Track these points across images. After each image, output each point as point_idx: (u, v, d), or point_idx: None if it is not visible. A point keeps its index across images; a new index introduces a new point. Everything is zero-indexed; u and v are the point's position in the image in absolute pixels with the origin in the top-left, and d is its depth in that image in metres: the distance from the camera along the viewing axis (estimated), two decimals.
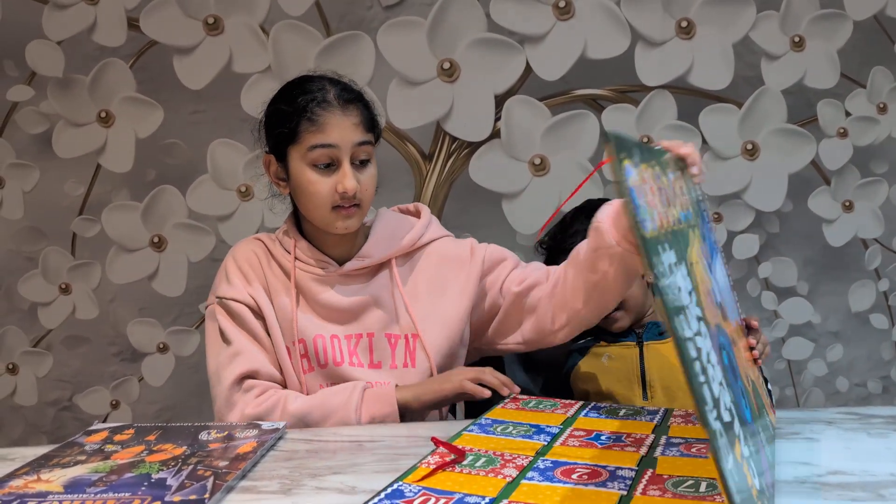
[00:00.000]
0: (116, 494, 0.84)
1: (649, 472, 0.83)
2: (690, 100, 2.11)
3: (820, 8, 2.12)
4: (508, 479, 0.80)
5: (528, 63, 2.05)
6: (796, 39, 2.12)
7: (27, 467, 0.94)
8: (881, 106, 2.17)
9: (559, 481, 0.80)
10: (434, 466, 0.83)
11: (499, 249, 1.35)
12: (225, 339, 1.24)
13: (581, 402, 1.11)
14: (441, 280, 1.30)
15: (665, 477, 0.81)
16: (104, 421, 2.09)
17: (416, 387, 1.20)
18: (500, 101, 2.07)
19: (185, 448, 0.99)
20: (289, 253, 1.28)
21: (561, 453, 0.89)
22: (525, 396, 1.14)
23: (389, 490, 0.78)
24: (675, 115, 2.10)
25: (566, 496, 0.76)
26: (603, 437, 0.95)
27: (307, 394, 1.21)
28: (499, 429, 0.98)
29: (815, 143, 2.15)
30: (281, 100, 1.25)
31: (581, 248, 1.19)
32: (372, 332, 1.26)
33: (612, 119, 2.09)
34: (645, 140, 0.97)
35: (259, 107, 1.31)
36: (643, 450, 0.90)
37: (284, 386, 1.24)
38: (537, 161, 2.09)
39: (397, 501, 0.75)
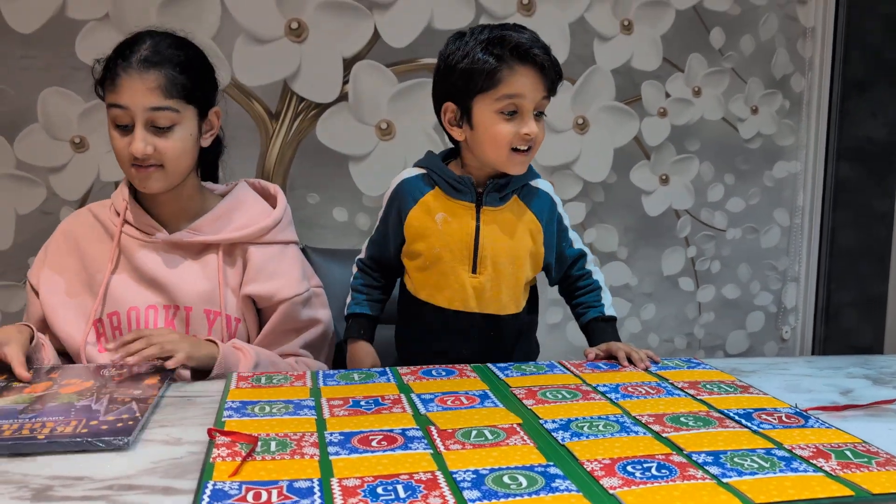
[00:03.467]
0: (52, 418, 0.90)
1: (434, 430, 0.87)
2: None
3: None
4: (317, 458, 0.80)
5: (376, 29, 2.09)
6: (626, 23, 2.29)
7: None
8: (696, 89, 2.39)
9: (365, 451, 0.81)
10: (231, 459, 0.80)
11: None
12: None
13: (310, 372, 1.12)
14: (267, 274, 1.29)
15: (450, 431, 0.87)
16: None
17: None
18: (348, 64, 2.11)
19: (92, 382, 1.04)
20: (118, 216, 1.25)
21: (340, 424, 0.90)
22: (250, 374, 1.12)
23: (209, 492, 0.72)
24: None
25: (387, 463, 0.78)
26: (363, 403, 0.97)
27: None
28: (256, 409, 0.95)
29: (638, 120, 2.35)
30: (113, 50, 1.21)
31: None
32: (190, 307, 1.23)
33: None
34: None
35: (96, 55, 1.25)
36: (409, 409, 0.95)
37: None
38: (384, 125, 2.15)
39: (227, 502, 0.70)
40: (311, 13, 2.05)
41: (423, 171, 1.29)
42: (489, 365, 1.17)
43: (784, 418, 0.93)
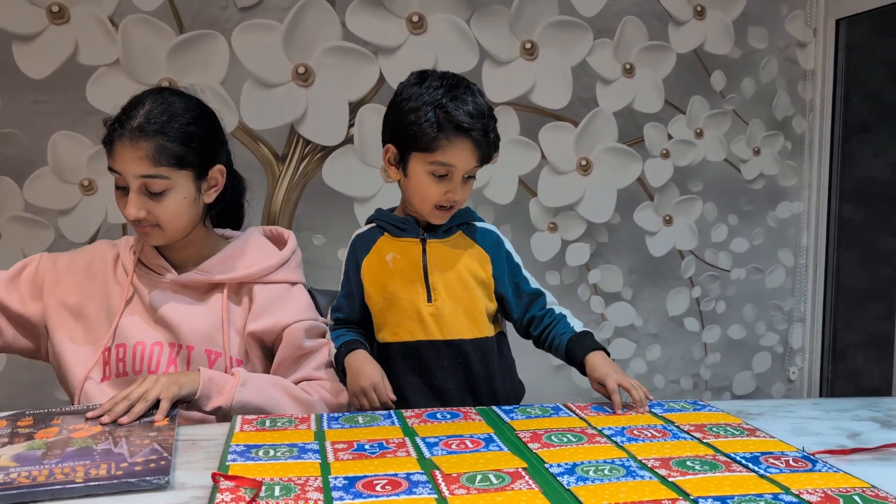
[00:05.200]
0: (79, 462, 0.89)
1: (439, 474, 0.87)
2: (532, 116, 2.27)
3: (648, 40, 2.33)
4: (321, 503, 0.80)
5: (381, 74, 2.13)
6: (627, 67, 2.32)
7: None
8: (698, 131, 2.42)
9: (370, 496, 0.81)
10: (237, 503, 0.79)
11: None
12: None
13: (314, 415, 1.12)
14: (272, 311, 1.31)
15: (455, 476, 0.86)
16: None
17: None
18: (353, 108, 2.14)
19: (101, 427, 1.04)
20: (134, 255, 1.29)
21: (345, 469, 0.89)
22: (254, 417, 1.11)
23: None
24: (518, 131, 2.25)
25: None
26: (367, 447, 0.97)
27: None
28: (261, 453, 0.95)
29: (641, 161, 2.37)
30: (120, 110, 1.23)
31: None
32: (192, 346, 1.25)
33: None
34: None
35: (106, 101, 1.28)
36: (413, 453, 0.94)
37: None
38: None
39: None
40: (317, 58, 2.09)
41: (373, 224, 1.38)
42: (494, 408, 1.17)
43: (791, 462, 0.92)
